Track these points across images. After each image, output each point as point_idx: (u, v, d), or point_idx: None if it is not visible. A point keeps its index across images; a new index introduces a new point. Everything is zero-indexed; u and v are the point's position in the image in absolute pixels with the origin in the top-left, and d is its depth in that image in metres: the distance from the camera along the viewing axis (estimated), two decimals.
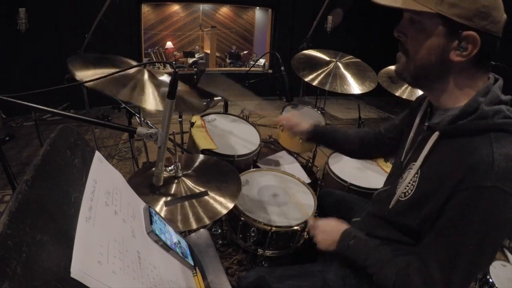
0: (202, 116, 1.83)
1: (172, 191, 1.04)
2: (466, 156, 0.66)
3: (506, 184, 0.61)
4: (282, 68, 1.91)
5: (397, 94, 2.04)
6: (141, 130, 0.77)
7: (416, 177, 0.77)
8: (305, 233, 1.37)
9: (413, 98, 1.99)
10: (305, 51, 2.21)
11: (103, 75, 0.94)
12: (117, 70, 1.01)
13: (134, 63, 1.32)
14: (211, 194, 1.04)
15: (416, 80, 0.77)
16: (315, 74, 2.02)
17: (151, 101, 1.11)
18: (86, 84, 1.02)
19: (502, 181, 0.61)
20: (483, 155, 0.63)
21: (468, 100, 0.69)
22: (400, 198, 0.81)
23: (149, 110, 1.07)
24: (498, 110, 0.65)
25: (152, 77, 1.22)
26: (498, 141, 0.64)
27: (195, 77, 2.55)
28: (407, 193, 0.79)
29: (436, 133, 0.73)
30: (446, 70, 0.70)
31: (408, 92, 2.03)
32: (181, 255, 0.63)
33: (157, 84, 1.19)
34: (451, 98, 0.74)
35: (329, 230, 0.95)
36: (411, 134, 0.88)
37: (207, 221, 0.93)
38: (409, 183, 0.79)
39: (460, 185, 0.65)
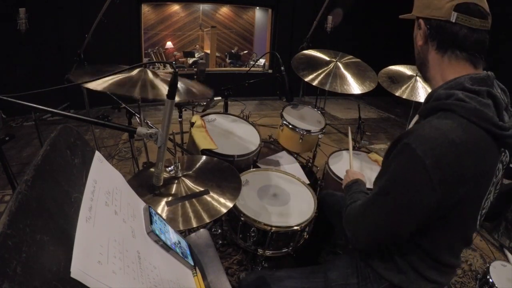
0: (202, 116, 1.82)
1: (172, 191, 1.04)
2: (413, 128, 0.73)
3: (418, 146, 0.66)
4: (282, 68, 1.91)
5: (397, 94, 2.03)
6: (141, 130, 0.77)
7: None
8: (305, 233, 1.37)
9: (413, 98, 1.99)
10: (305, 51, 2.21)
11: (108, 79, 0.94)
12: (120, 71, 1.01)
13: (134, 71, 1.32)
14: (212, 193, 1.04)
15: (419, 69, 0.88)
16: (315, 74, 2.02)
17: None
18: (99, 89, 1.03)
19: (416, 142, 0.67)
20: (419, 125, 0.72)
21: None
22: None
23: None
24: (451, 94, 0.71)
25: (155, 74, 1.24)
26: (439, 117, 0.70)
27: (195, 77, 2.56)
28: None
29: (417, 116, 0.84)
30: (424, 57, 0.83)
31: (408, 92, 2.02)
32: (181, 255, 0.63)
33: (165, 79, 1.20)
34: (436, 86, 0.82)
35: (351, 175, 1.17)
36: None
37: (207, 220, 0.94)
38: None
39: (398, 144, 0.74)
